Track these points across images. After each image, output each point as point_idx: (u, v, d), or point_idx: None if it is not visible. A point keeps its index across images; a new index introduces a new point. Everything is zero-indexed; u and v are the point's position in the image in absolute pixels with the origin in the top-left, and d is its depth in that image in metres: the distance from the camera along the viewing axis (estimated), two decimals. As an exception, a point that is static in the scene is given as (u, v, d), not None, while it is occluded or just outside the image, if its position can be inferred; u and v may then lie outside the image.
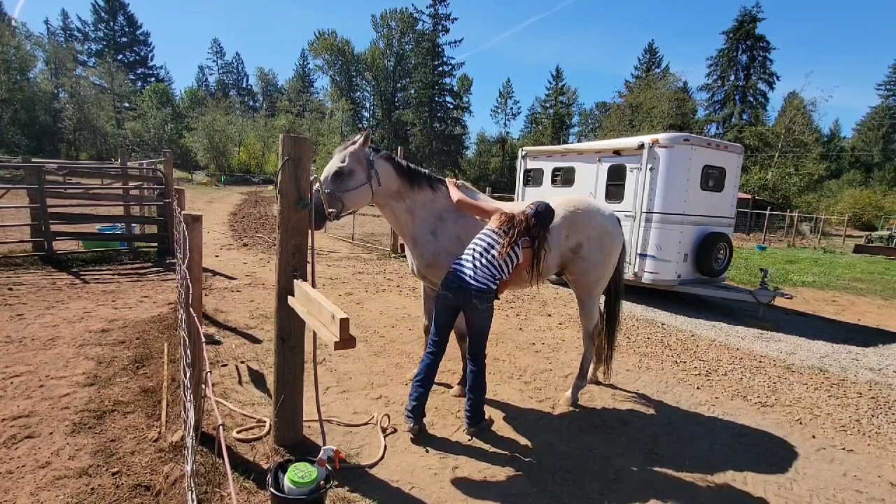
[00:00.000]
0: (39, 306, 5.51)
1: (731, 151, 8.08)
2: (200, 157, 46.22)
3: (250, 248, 10.63)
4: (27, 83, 44.39)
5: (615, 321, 4.26)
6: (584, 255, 3.81)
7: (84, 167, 16.34)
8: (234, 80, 77.18)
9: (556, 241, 3.65)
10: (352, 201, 3.27)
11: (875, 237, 25.66)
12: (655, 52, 57.60)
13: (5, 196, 8.19)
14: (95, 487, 2.46)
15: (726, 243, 7.92)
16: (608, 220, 3.93)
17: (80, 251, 8.38)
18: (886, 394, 4.70)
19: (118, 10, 62.24)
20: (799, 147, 36.99)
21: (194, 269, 2.57)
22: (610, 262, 3.96)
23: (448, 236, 3.57)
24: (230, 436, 3.00)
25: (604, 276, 3.96)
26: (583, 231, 3.80)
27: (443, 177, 3.81)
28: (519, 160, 10.13)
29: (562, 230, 3.70)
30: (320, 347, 3.59)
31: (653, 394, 4.33)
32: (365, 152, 3.30)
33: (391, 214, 3.59)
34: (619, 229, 4.01)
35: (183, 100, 61.38)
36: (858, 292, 10.59)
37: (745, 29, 47.49)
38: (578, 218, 3.80)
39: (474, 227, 3.56)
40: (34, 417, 3.13)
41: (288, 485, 2.12)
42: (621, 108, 47.78)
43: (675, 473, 3.07)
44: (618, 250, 4.00)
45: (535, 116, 67.76)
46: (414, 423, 3.19)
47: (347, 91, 61.68)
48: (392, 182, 3.43)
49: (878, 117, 61.19)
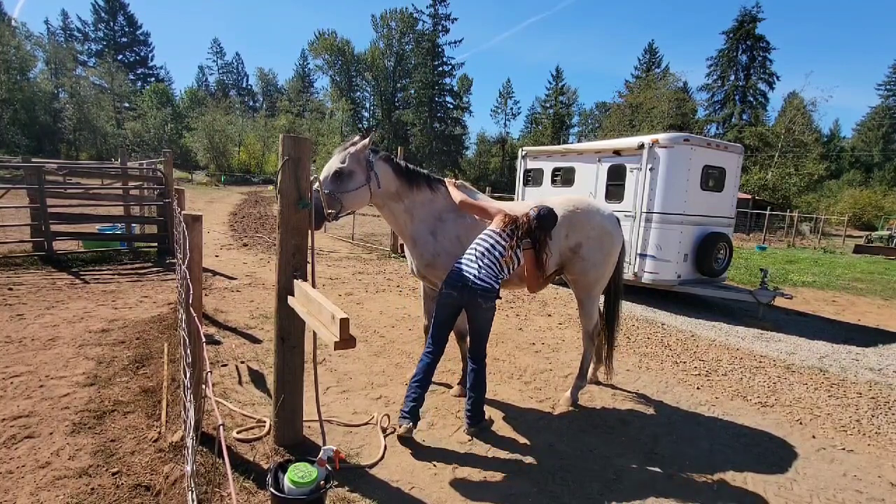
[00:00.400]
0: (39, 306, 5.51)
1: (731, 151, 8.08)
2: (200, 157, 46.22)
3: (250, 248, 10.63)
4: (27, 83, 44.40)
5: (615, 321, 4.25)
6: (584, 254, 3.81)
7: (84, 167, 16.34)
8: (234, 80, 77.21)
9: (555, 241, 3.64)
10: (351, 202, 3.30)
11: (875, 237, 25.66)
12: (655, 52, 57.63)
13: (5, 196, 8.19)
14: (95, 487, 2.46)
15: (726, 243, 7.92)
16: (608, 220, 3.93)
17: (80, 251, 8.38)
18: (886, 394, 4.70)
19: (118, 10, 62.26)
20: (799, 147, 36.99)
21: (194, 269, 2.57)
22: (609, 262, 3.95)
23: (447, 236, 3.58)
24: (230, 436, 3.00)
25: (603, 276, 3.96)
26: (582, 231, 3.80)
27: (443, 177, 3.81)
28: (519, 160, 10.13)
29: (561, 230, 3.69)
30: (320, 347, 3.59)
31: (653, 394, 4.33)
32: (365, 154, 3.32)
33: (390, 215, 3.60)
34: (618, 229, 4.00)
35: (183, 100, 61.37)
36: (858, 292, 10.59)
37: (745, 29, 47.49)
38: (578, 218, 3.79)
39: (474, 227, 3.57)
40: (34, 417, 3.13)
41: (288, 485, 2.12)
42: (621, 108, 47.79)
43: (675, 473, 3.07)
44: (617, 250, 4.00)
45: (535, 116, 67.76)
46: (409, 422, 3.14)
47: (347, 91, 61.67)
48: (391, 183, 3.45)
49: (878, 117, 61.19)
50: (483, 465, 2.99)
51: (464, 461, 3.02)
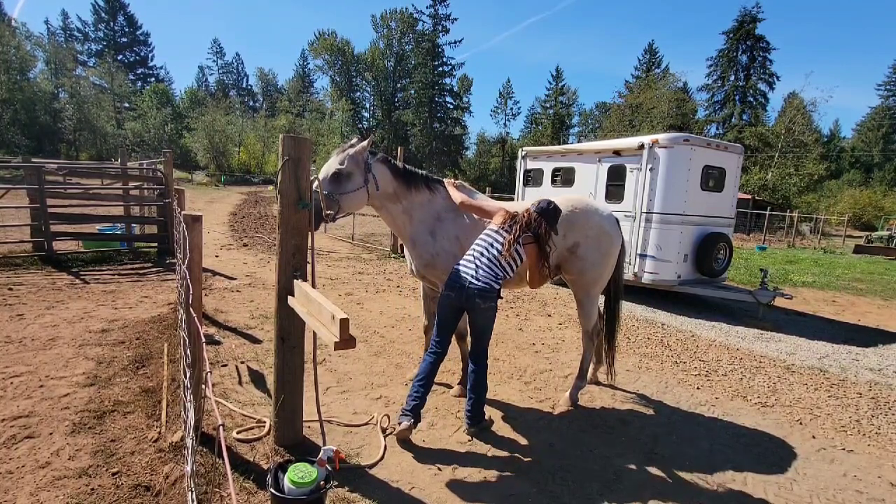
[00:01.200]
0: (39, 306, 5.51)
1: (730, 152, 8.08)
2: (200, 158, 46.21)
3: (250, 248, 10.64)
4: (27, 83, 44.36)
5: (615, 322, 4.24)
6: (582, 254, 3.81)
7: (84, 167, 16.33)
8: (234, 80, 77.14)
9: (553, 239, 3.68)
10: (348, 204, 3.32)
11: (875, 237, 25.66)
12: (655, 52, 57.65)
13: (5, 196, 8.20)
14: (95, 488, 2.46)
15: (726, 243, 7.92)
16: (606, 220, 3.94)
17: (81, 251, 8.38)
18: (886, 394, 4.70)
19: (118, 11, 62.23)
20: (799, 147, 37.01)
21: (194, 269, 2.57)
22: (608, 263, 3.95)
23: (447, 236, 3.58)
24: (230, 436, 3.00)
25: (602, 276, 3.96)
26: (580, 231, 3.80)
27: (442, 177, 3.81)
28: (519, 160, 10.13)
29: (560, 229, 3.71)
30: (320, 347, 3.59)
31: (653, 394, 4.33)
32: (364, 156, 3.33)
33: (388, 216, 3.61)
34: (617, 230, 4.00)
35: (183, 100, 61.32)
36: (858, 292, 10.59)
37: (745, 29, 47.49)
38: (576, 217, 3.80)
39: (473, 227, 3.57)
40: (34, 418, 3.13)
41: (288, 485, 2.12)
42: (621, 108, 47.80)
43: (675, 473, 3.07)
44: (616, 251, 3.99)
45: (535, 117, 67.79)
46: (411, 419, 3.10)
47: (347, 91, 61.67)
48: (388, 185, 3.47)
49: (878, 117, 61.18)
50: (483, 466, 2.99)
51: (464, 461, 3.02)
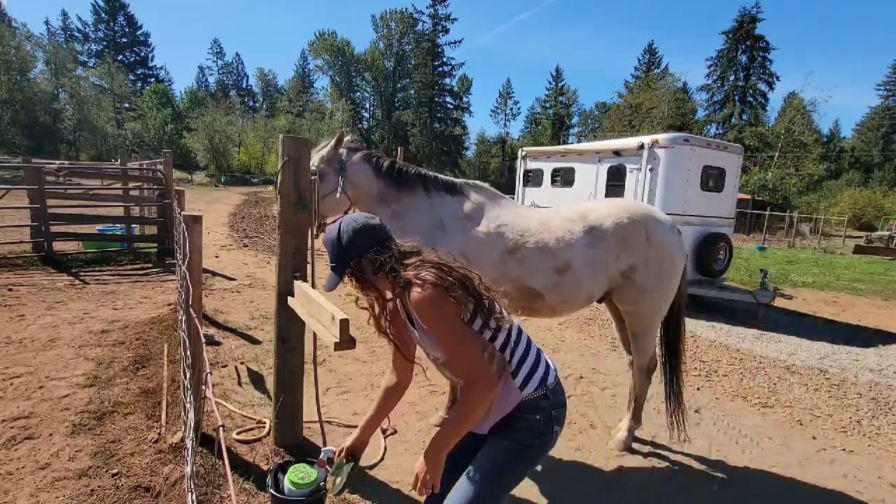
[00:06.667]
0: (39, 307, 5.51)
1: (730, 152, 8.08)
2: (200, 158, 46.18)
3: (250, 249, 10.63)
4: (27, 84, 44.28)
5: (677, 358, 3.32)
6: (640, 281, 3.00)
7: (84, 167, 16.32)
8: (233, 80, 77.07)
9: (600, 262, 2.94)
10: (325, 208, 3.03)
11: (875, 237, 25.66)
12: (655, 52, 57.66)
13: (5, 196, 8.19)
14: (95, 489, 2.46)
15: (726, 244, 7.91)
16: (670, 235, 3.08)
17: (80, 252, 8.37)
18: (886, 394, 4.69)
19: (118, 11, 62.16)
20: (799, 147, 36.97)
21: (194, 269, 2.56)
22: (671, 288, 3.14)
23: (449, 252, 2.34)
24: (230, 437, 3.00)
25: (663, 307, 3.18)
26: (638, 251, 2.98)
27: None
28: (519, 160, 10.13)
29: (611, 249, 2.95)
30: (320, 348, 3.59)
31: (652, 395, 4.31)
32: (337, 154, 3.01)
33: (384, 221, 3.22)
34: (681, 246, 3.18)
35: (183, 100, 61.26)
36: (858, 293, 10.59)
37: (744, 29, 47.46)
38: (633, 232, 2.98)
39: (488, 241, 2.92)
40: (34, 419, 3.13)
41: (288, 486, 2.11)
42: (621, 108, 47.81)
43: (674, 474, 3.07)
44: (679, 273, 3.16)
45: (535, 117, 67.77)
46: None
47: (347, 91, 61.64)
48: (370, 185, 3.03)
49: (878, 117, 61.15)
50: (483, 466, 2.98)
51: (464, 462, 3.01)
